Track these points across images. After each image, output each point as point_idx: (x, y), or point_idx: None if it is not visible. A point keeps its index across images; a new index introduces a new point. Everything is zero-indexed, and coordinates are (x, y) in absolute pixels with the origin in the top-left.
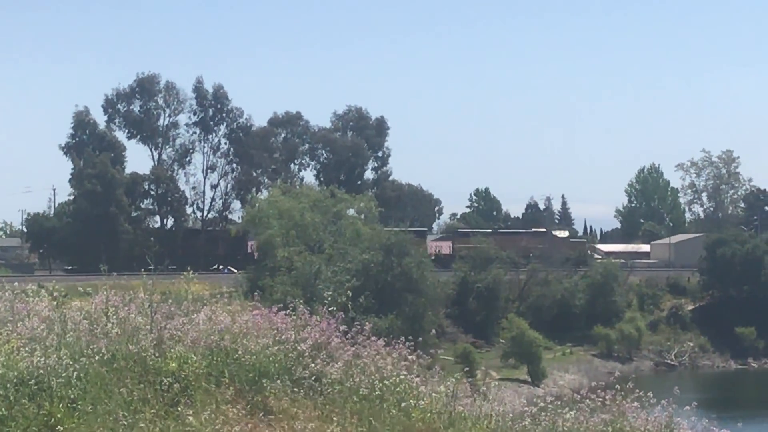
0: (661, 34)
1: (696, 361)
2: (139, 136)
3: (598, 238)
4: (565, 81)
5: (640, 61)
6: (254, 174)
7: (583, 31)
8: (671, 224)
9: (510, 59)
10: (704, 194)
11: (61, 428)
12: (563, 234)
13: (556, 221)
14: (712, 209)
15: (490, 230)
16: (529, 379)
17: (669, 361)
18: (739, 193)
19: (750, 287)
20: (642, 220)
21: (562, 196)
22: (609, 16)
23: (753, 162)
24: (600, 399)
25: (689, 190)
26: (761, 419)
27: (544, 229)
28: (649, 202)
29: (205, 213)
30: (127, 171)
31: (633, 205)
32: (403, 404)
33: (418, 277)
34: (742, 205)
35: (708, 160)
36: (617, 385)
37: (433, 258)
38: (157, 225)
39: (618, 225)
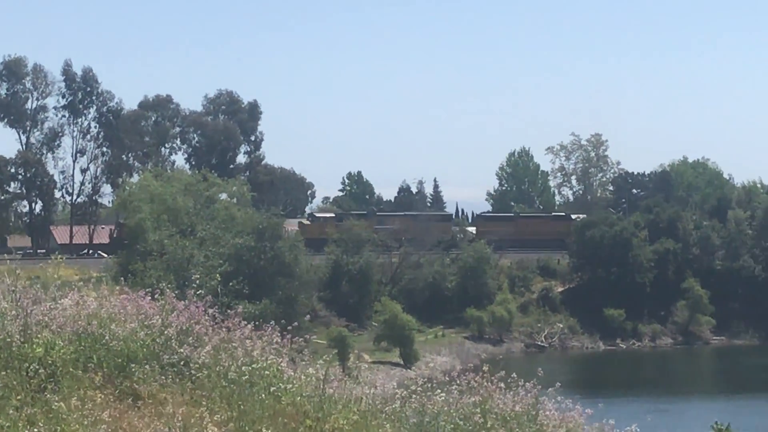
0: (531, 19)
1: (566, 342)
2: (6, 120)
3: (470, 220)
4: (436, 64)
5: (511, 44)
6: (125, 158)
7: (454, 16)
8: (541, 207)
9: (380, 43)
10: (573, 177)
11: None
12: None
13: (429, 204)
14: (581, 192)
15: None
16: (402, 362)
17: (539, 343)
18: (608, 176)
19: (618, 269)
20: (513, 203)
21: (434, 180)
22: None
23: (621, 145)
24: (468, 381)
25: (559, 173)
26: (625, 398)
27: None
28: (519, 185)
29: (75, 197)
30: None
31: (504, 188)
32: (272, 388)
33: (291, 261)
34: (611, 187)
35: (577, 143)
36: (485, 367)
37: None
38: (26, 209)
39: (489, 208)
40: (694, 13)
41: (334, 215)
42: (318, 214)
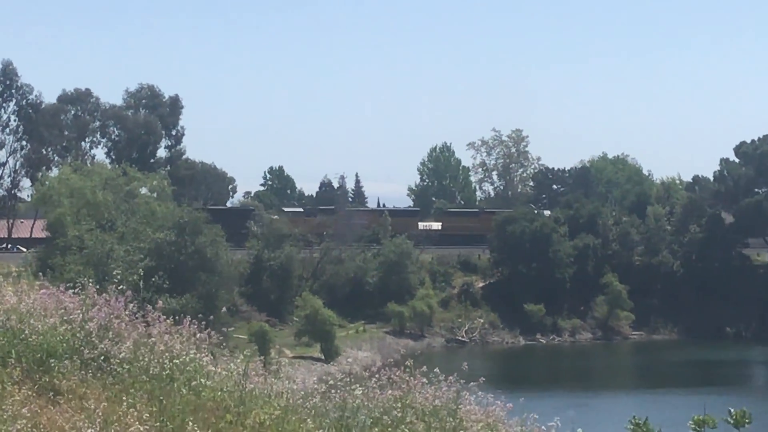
0: (451, 14)
1: (486, 337)
2: None
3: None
4: (357, 59)
5: (430, 40)
6: (44, 151)
7: (374, 12)
8: (462, 202)
9: (302, 38)
10: (494, 173)
11: None
12: None
13: (350, 199)
14: (502, 187)
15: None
16: (323, 357)
17: (460, 338)
18: (528, 172)
19: (538, 264)
20: (434, 198)
21: (356, 175)
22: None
23: (541, 141)
24: (389, 376)
25: (480, 169)
26: (546, 393)
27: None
28: (441, 181)
29: None
30: None
31: (425, 183)
32: (193, 383)
33: (212, 256)
34: (531, 183)
35: (498, 139)
36: (407, 362)
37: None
38: None
39: (411, 203)
40: (613, 11)
41: (302, 210)
42: (287, 209)
